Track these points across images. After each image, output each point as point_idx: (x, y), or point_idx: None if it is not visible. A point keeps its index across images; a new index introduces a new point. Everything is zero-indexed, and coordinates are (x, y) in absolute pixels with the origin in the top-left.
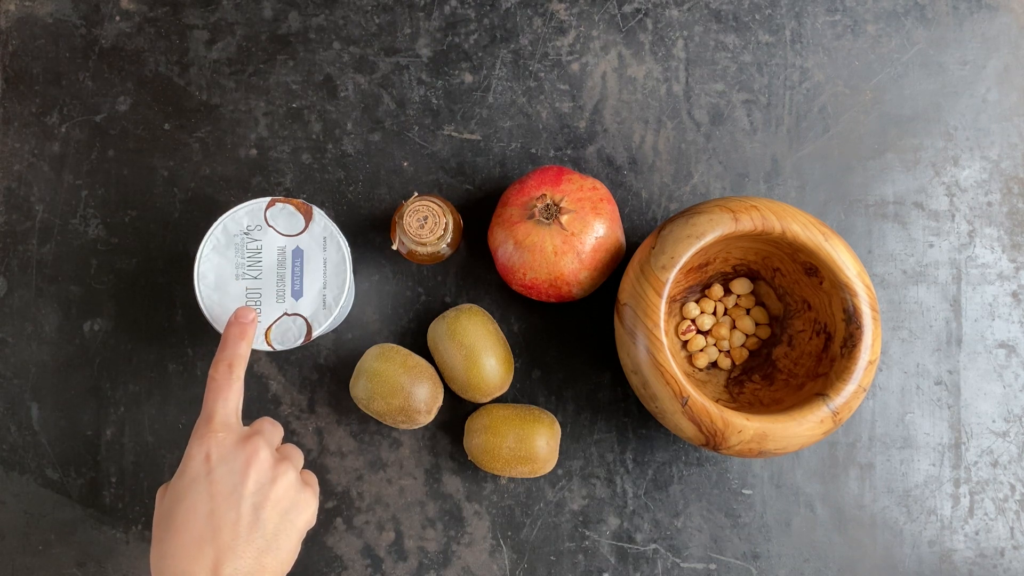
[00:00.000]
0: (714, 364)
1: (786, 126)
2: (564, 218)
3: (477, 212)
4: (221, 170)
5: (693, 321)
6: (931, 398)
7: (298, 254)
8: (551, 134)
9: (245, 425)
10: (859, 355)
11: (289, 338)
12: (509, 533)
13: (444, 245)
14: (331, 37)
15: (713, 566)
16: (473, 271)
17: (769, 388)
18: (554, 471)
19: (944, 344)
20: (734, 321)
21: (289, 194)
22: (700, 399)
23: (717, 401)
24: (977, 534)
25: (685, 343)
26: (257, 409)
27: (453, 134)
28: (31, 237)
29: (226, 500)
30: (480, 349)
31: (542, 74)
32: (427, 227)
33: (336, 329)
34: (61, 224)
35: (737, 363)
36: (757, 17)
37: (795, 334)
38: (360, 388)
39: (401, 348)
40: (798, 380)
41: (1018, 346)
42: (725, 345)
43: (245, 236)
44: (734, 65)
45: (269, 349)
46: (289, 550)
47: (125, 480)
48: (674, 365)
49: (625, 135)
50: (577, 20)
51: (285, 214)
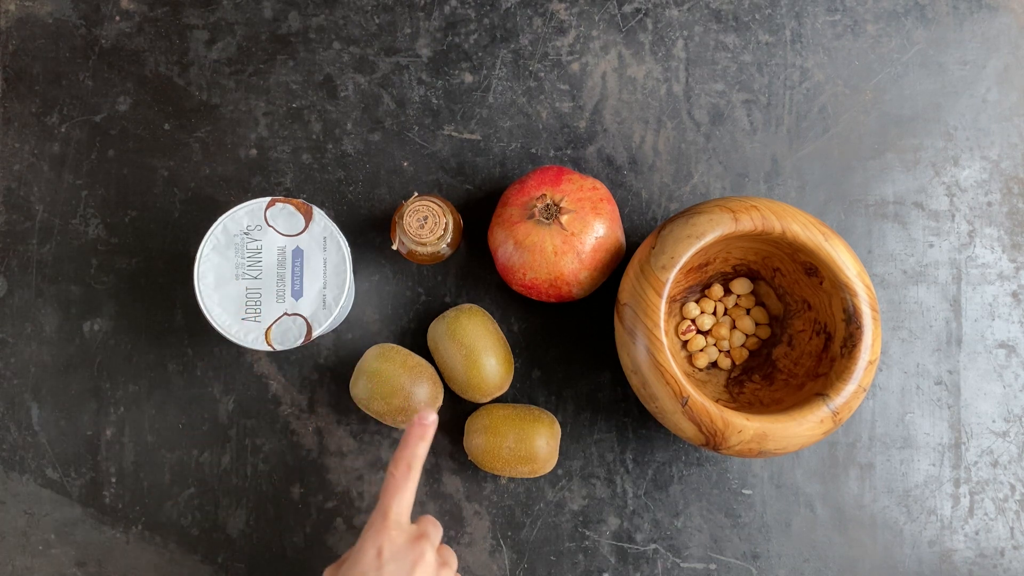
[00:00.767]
0: (714, 364)
1: (786, 126)
2: (564, 218)
3: (477, 212)
4: (221, 170)
5: (693, 321)
6: (931, 398)
7: (298, 254)
8: (551, 134)
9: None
10: (859, 355)
11: (289, 338)
12: (509, 533)
13: (444, 245)
14: (331, 37)
15: (713, 566)
16: (473, 271)
17: (769, 388)
18: (554, 471)
19: (944, 344)
20: (734, 321)
21: (289, 194)
22: (700, 399)
23: (717, 401)
24: (977, 534)
25: (685, 343)
26: (257, 409)
27: (453, 134)
28: (31, 237)
29: None
30: (480, 349)
31: (542, 74)
32: (427, 227)
33: (336, 329)
34: (61, 224)
35: (737, 363)
36: (757, 17)
37: (795, 334)
38: (360, 388)
39: (401, 348)
40: (798, 380)
41: (1018, 346)
42: (725, 345)
43: (245, 236)
44: (734, 65)
45: (269, 349)
46: None
47: (125, 480)
48: (674, 365)
49: (625, 135)
50: (577, 20)
51: (285, 214)
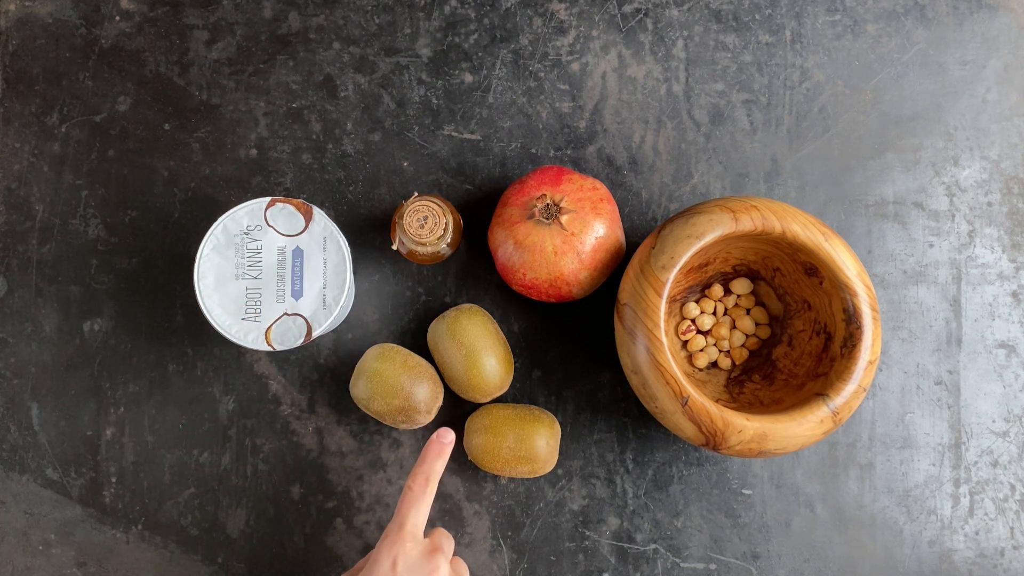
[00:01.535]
0: (714, 364)
1: (786, 126)
2: (564, 218)
3: (477, 212)
4: (221, 170)
5: (693, 321)
6: (931, 398)
7: (298, 254)
8: (551, 134)
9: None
10: (859, 355)
11: (289, 338)
12: (509, 533)
13: (444, 245)
14: (331, 37)
15: (713, 566)
16: (473, 271)
17: (769, 388)
18: (554, 471)
19: (944, 344)
20: (734, 321)
21: (289, 194)
22: (700, 399)
23: (717, 401)
24: (977, 534)
25: (685, 343)
26: (257, 409)
27: (453, 134)
28: (31, 237)
29: None
30: (480, 349)
31: (542, 74)
32: (427, 227)
33: (336, 329)
34: (61, 224)
35: (737, 363)
36: (757, 17)
37: (795, 334)
38: (360, 388)
39: (401, 348)
40: (798, 380)
41: (1018, 346)
42: (725, 345)
43: (245, 236)
44: (734, 65)
45: (269, 349)
46: None
47: (125, 480)
48: (674, 365)
49: (625, 135)
50: (577, 20)
51: (285, 214)
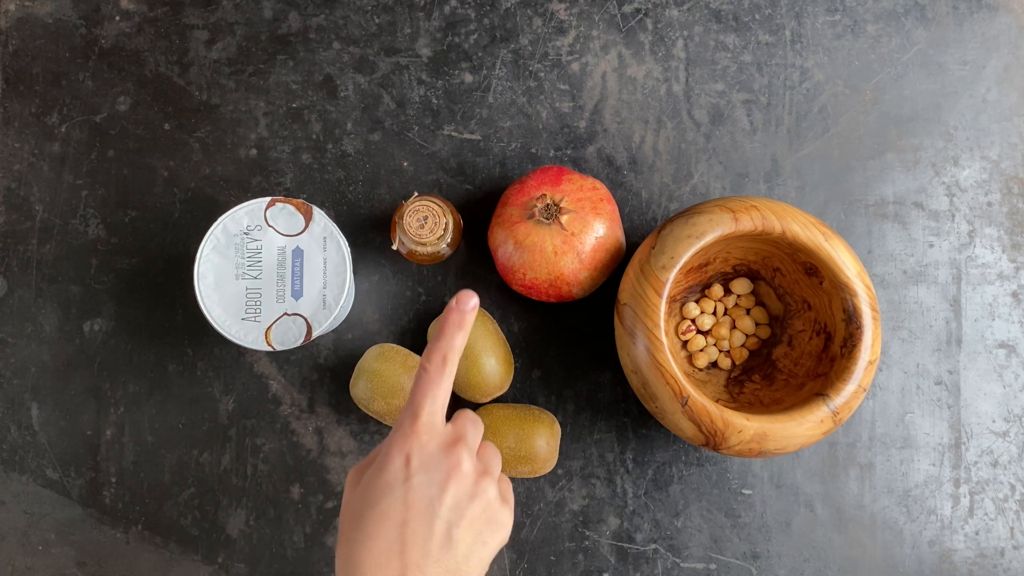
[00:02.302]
0: (714, 364)
1: (786, 126)
2: (564, 218)
3: (477, 212)
4: (221, 170)
5: (693, 321)
6: (931, 398)
7: (298, 254)
8: (551, 134)
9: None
10: (859, 355)
11: (289, 338)
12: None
13: (444, 245)
14: (331, 37)
15: (713, 566)
16: (473, 271)
17: (769, 388)
18: (554, 471)
19: (944, 344)
20: (734, 321)
21: (289, 194)
22: (700, 399)
23: (717, 401)
24: (977, 534)
25: (685, 343)
26: (257, 409)
27: (453, 134)
28: (31, 237)
29: (421, 514)
30: (480, 349)
31: (542, 74)
32: (427, 227)
33: (336, 329)
34: (61, 224)
35: (737, 363)
36: (757, 17)
37: (795, 334)
38: (360, 388)
39: (401, 348)
40: (798, 380)
41: (1018, 346)
42: (725, 345)
43: (245, 236)
44: (734, 65)
45: (269, 349)
46: (479, 572)
47: (125, 480)
48: (674, 365)
49: (625, 135)
50: (577, 20)
51: (285, 214)
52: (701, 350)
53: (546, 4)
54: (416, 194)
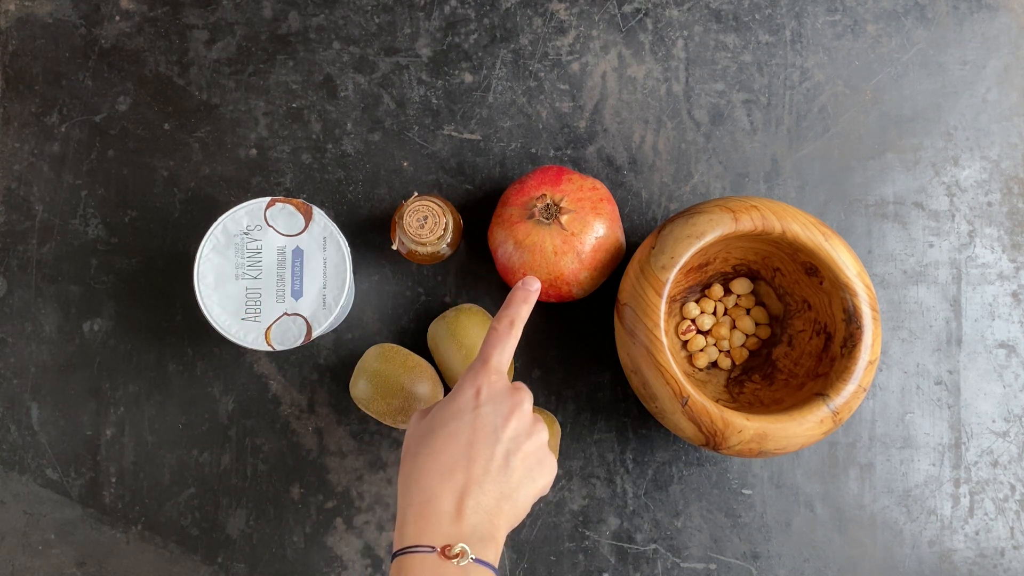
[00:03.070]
0: (714, 364)
1: (786, 126)
2: (564, 218)
3: (477, 212)
4: (221, 170)
5: (693, 321)
6: (931, 398)
7: (298, 254)
8: (551, 134)
9: None
10: (859, 355)
11: (289, 338)
12: (509, 533)
13: (444, 245)
14: (331, 37)
15: (713, 566)
16: (473, 271)
17: (769, 388)
18: None
19: (944, 344)
20: (734, 321)
21: (289, 194)
22: (700, 399)
23: (717, 401)
24: (977, 534)
25: (685, 343)
26: (257, 409)
27: (453, 134)
28: (31, 237)
29: (486, 437)
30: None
31: (542, 74)
32: (427, 227)
33: (336, 329)
34: (61, 224)
35: (737, 363)
36: (757, 17)
37: (795, 334)
38: (360, 388)
39: (401, 348)
40: (798, 380)
41: (1018, 346)
42: (725, 345)
43: (245, 236)
44: (734, 65)
45: (269, 349)
46: (524, 505)
47: (125, 480)
48: (674, 365)
49: (625, 135)
50: (577, 20)
51: (285, 214)
52: (701, 350)
53: (546, 4)
54: (416, 194)
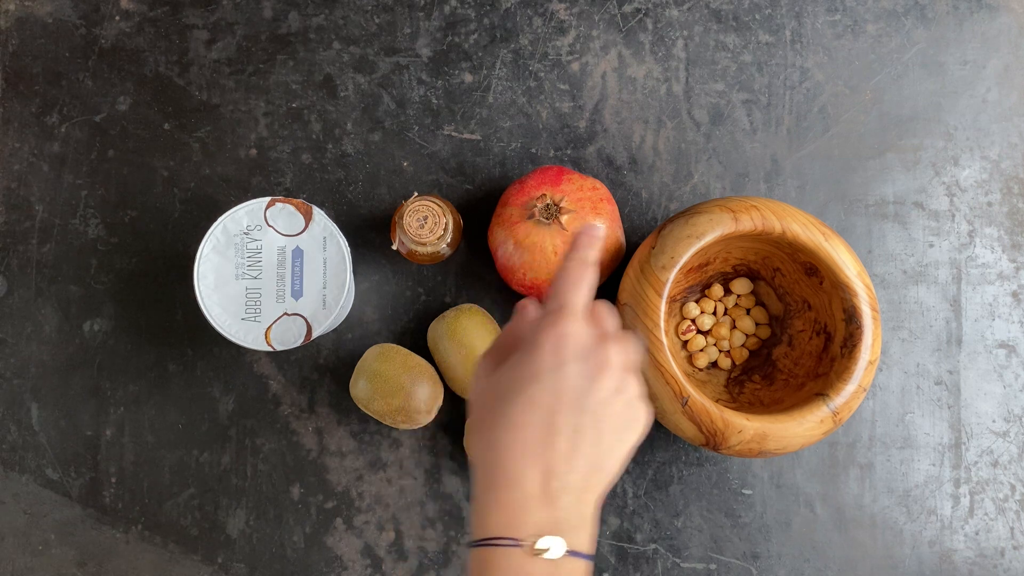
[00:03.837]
0: (714, 364)
1: (786, 126)
2: (564, 218)
3: (477, 212)
4: (221, 170)
5: (693, 321)
6: (931, 398)
7: (298, 254)
8: (551, 134)
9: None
10: (859, 355)
11: (289, 338)
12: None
13: (444, 245)
14: (331, 37)
15: (713, 566)
16: (473, 271)
17: (769, 388)
18: None
19: (944, 344)
20: (734, 321)
21: (289, 194)
22: (700, 399)
23: (717, 401)
24: (977, 534)
25: (685, 343)
26: (257, 409)
27: (453, 134)
28: (31, 237)
29: (570, 405)
30: (480, 349)
31: (542, 74)
32: (427, 227)
33: (336, 329)
34: (61, 224)
35: (737, 363)
36: (757, 17)
37: (795, 334)
38: (360, 388)
39: (401, 348)
40: (798, 380)
41: (1018, 346)
42: (725, 345)
43: (245, 236)
44: (734, 65)
45: (269, 349)
46: (615, 472)
47: (125, 480)
48: (674, 365)
49: (625, 135)
50: (577, 20)
51: (285, 214)
52: (701, 350)
53: (546, 4)
54: (416, 194)
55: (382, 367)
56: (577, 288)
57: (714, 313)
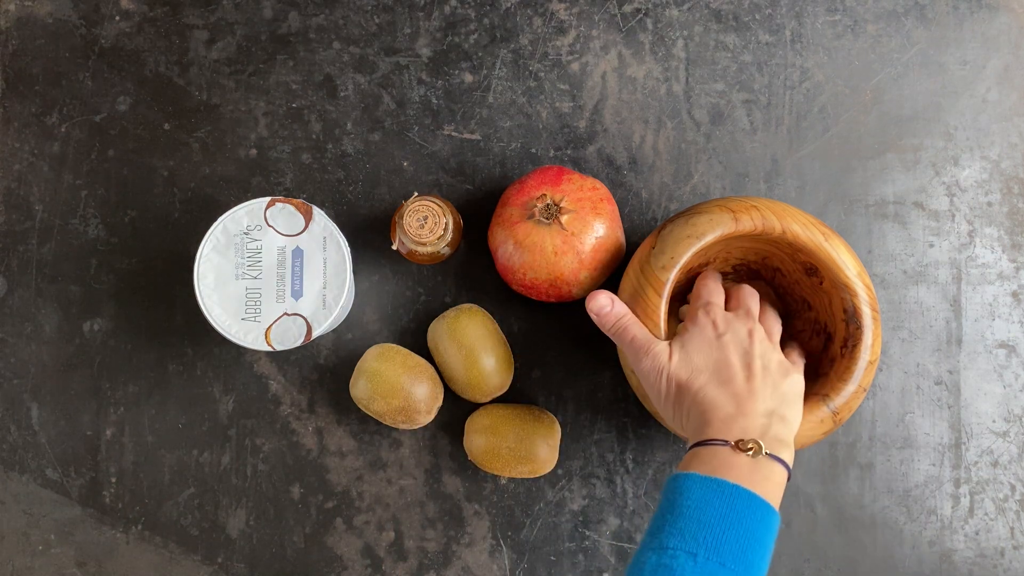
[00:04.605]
0: None
1: (786, 126)
2: (564, 218)
3: (477, 212)
4: (221, 170)
5: None
6: (931, 398)
7: (298, 254)
8: (551, 134)
9: None
10: (859, 355)
11: (289, 338)
12: (509, 533)
13: (444, 245)
14: (331, 37)
15: None
16: (473, 271)
17: None
18: (554, 471)
19: (944, 344)
20: None
21: (289, 194)
22: None
23: None
24: (977, 534)
25: None
26: (257, 409)
27: (453, 134)
28: (31, 237)
29: (740, 355)
30: (480, 349)
31: (542, 74)
32: (427, 227)
33: (336, 329)
34: (61, 224)
35: None
36: (757, 17)
37: (795, 334)
38: (360, 388)
39: (401, 348)
40: None
41: (1018, 346)
42: None
43: (245, 236)
44: (734, 65)
45: (269, 349)
46: (796, 408)
47: (125, 480)
48: None
49: (625, 135)
50: (577, 20)
51: (285, 214)
52: None
53: (546, 4)
54: (416, 194)
55: (382, 367)
56: (708, 287)
57: None
